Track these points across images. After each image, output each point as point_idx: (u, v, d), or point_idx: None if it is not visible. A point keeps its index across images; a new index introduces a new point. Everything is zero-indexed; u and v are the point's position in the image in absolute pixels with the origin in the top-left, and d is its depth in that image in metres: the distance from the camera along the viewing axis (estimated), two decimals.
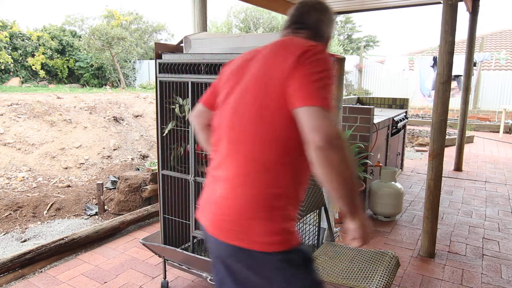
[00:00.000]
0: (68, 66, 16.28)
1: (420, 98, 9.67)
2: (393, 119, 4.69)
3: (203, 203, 1.26)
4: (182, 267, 2.31)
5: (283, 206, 1.12)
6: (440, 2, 2.77)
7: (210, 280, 2.17)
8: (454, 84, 7.91)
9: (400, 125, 4.96)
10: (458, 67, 6.20)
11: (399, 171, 5.55)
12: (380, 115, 4.57)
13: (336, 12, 5.63)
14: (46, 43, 15.42)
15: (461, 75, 6.69)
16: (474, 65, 6.75)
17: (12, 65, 14.61)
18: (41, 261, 2.78)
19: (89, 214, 4.07)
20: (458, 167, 5.80)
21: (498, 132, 9.80)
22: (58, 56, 15.95)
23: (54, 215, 4.04)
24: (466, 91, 5.56)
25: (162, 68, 2.22)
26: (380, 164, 4.12)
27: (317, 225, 2.46)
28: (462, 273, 2.76)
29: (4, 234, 3.57)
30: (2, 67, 14.27)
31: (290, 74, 1.06)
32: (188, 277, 2.63)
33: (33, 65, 14.94)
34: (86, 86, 15.64)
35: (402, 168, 5.75)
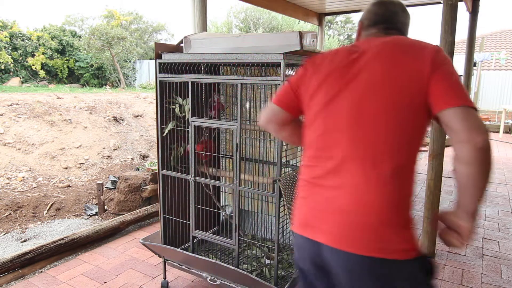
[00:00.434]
0: (68, 66, 16.29)
1: None
2: None
3: (312, 215, 1.16)
4: (182, 267, 2.31)
5: (410, 211, 1.10)
6: (440, 2, 2.77)
7: (210, 280, 2.17)
8: None
9: None
10: (458, 67, 6.19)
11: None
12: None
13: (336, 12, 5.63)
14: (46, 43, 15.42)
15: (461, 75, 6.69)
16: (474, 65, 6.75)
17: (12, 65, 14.61)
18: (41, 261, 2.78)
19: (89, 214, 4.07)
20: None
21: (498, 132, 9.80)
22: (58, 56, 15.95)
23: (54, 215, 4.04)
24: None
25: (162, 68, 2.22)
26: None
27: None
28: (462, 273, 2.76)
29: (4, 234, 3.57)
30: (2, 67, 14.27)
31: (431, 74, 1.05)
32: (188, 277, 2.63)
33: (33, 65, 14.95)
34: (86, 86, 15.64)
35: None
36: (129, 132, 6.71)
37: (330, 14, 5.64)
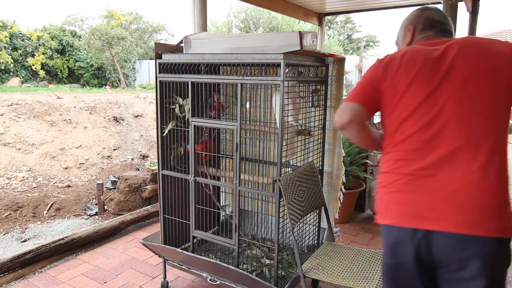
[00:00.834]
0: (68, 66, 16.29)
1: None
2: None
3: (424, 205, 1.19)
4: (182, 267, 2.31)
5: None
6: (440, 2, 2.78)
7: (210, 280, 2.17)
8: None
9: None
10: None
11: None
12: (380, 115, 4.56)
13: (336, 12, 5.64)
14: (46, 43, 15.42)
15: None
16: None
17: (12, 65, 14.61)
18: (41, 261, 2.78)
19: (89, 214, 4.07)
20: None
21: None
22: (58, 56, 15.95)
23: (54, 215, 4.04)
24: None
25: (162, 68, 2.22)
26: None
27: (317, 225, 2.46)
28: None
29: (4, 234, 3.57)
30: (2, 67, 14.27)
31: None
32: (188, 277, 2.63)
33: (33, 65, 14.95)
34: (86, 86, 15.65)
35: None
36: (129, 132, 6.71)
37: (330, 14, 5.64)
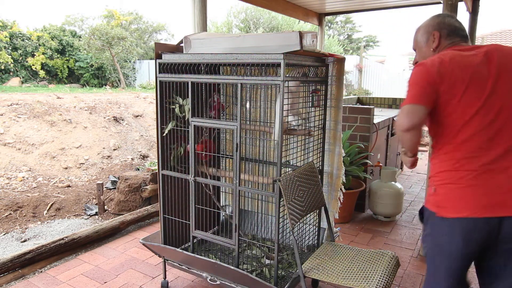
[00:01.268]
0: (68, 66, 16.28)
1: None
2: (393, 119, 4.69)
3: (494, 195, 1.34)
4: (182, 267, 2.31)
5: None
6: (440, 2, 2.77)
7: (210, 280, 2.17)
8: None
9: None
10: None
11: (399, 171, 5.55)
12: (380, 115, 4.57)
13: (336, 12, 5.63)
14: (46, 43, 15.41)
15: None
16: None
17: (12, 65, 14.60)
18: (41, 261, 2.78)
19: (89, 214, 4.07)
20: None
21: None
22: (58, 56, 15.94)
23: (54, 215, 4.04)
24: None
25: (162, 68, 2.22)
26: (380, 164, 4.12)
27: (317, 225, 2.46)
28: None
29: (4, 234, 3.57)
30: (2, 67, 14.26)
31: None
32: (188, 277, 2.63)
33: (33, 65, 14.94)
34: (86, 86, 15.64)
35: (402, 168, 5.75)
36: (129, 132, 6.71)
37: (330, 14, 5.64)
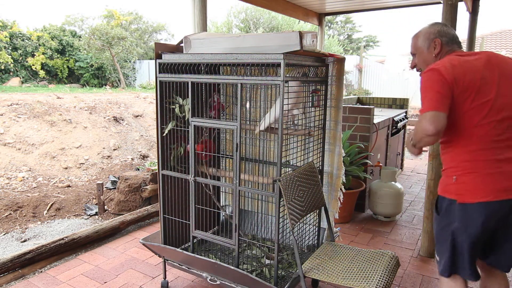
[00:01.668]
0: (68, 66, 16.27)
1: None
2: (393, 119, 4.69)
3: (509, 181, 1.51)
4: (182, 267, 2.31)
5: None
6: (440, 2, 2.77)
7: (210, 280, 2.17)
8: None
9: (400, 125, 4.95)
10: None
11: (399, 171, 5.55)
12: (380, 115, 4.57)
13: (336, 12, 5.63)
14: (46, 43, 15.40)
15: None
16: None
17: (12, 65, 14.60)
18: (41, 261, 2.78)
19: (89, 214, 4.07)
20: None
21: None
22: (58, 56, 15.94)
23: (54, 215, 4.04)
24: None
25: (162, 68, 2.22)
26: (380, 164, 4.12)
27: (317, 225, 2.46)
28: None
29: (4, 234, 3.57)
30: (2, 67, 14.26)
31: None
32: (188, 277, 2.63)
33: (33, 65, 14.93)
34: (86, 86, 15.64)
35: (402, 168, 5.75)
36: (129, 132, 6.71)
37: (330, 14, 5.64)
